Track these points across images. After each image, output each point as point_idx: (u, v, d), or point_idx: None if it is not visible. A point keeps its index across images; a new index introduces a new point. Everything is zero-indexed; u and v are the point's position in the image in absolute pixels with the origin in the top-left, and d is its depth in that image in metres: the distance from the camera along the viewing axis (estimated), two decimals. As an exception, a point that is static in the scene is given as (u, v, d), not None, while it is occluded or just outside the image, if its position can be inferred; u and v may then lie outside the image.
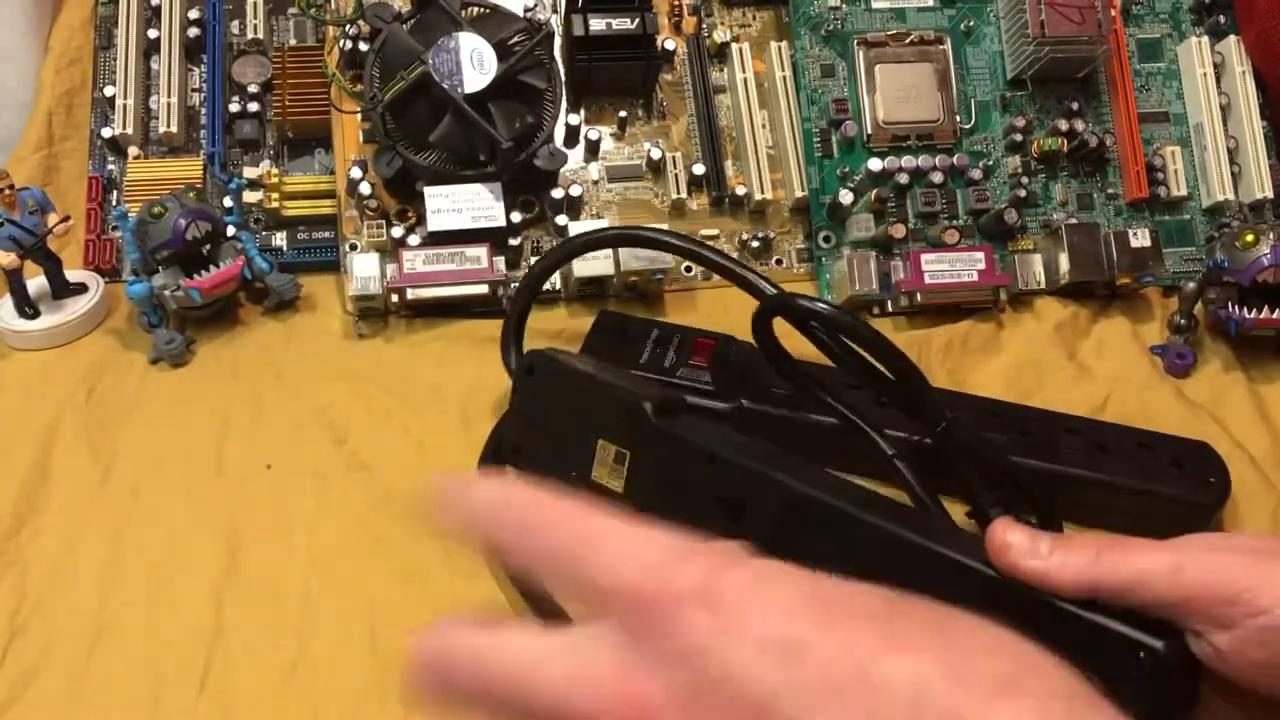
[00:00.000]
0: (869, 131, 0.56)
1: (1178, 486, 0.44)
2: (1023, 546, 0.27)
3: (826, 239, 0.56)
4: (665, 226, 0.49)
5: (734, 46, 0.58)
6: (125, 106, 0.56)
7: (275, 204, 0.54)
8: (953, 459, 0.41)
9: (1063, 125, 0.57)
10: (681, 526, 0.30)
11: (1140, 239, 0.54)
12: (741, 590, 0.21)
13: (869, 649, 0.20)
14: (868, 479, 0.45)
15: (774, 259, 0.57)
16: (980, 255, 0.53)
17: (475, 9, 0.54)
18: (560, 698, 0.22)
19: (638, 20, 0.54)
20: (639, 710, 0.21)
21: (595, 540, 0.23)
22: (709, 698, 0.20)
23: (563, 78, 0.55)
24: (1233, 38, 0.59)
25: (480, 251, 0.51)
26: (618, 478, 0.38)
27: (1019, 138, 0.57)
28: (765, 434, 0.46)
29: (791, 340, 0.43)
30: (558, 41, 0.55)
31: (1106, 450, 0.44)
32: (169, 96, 0.57)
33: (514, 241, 0.54)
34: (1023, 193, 0.56)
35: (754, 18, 0.60)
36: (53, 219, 0.50)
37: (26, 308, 0.51)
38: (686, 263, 0.56)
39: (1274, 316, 0.50)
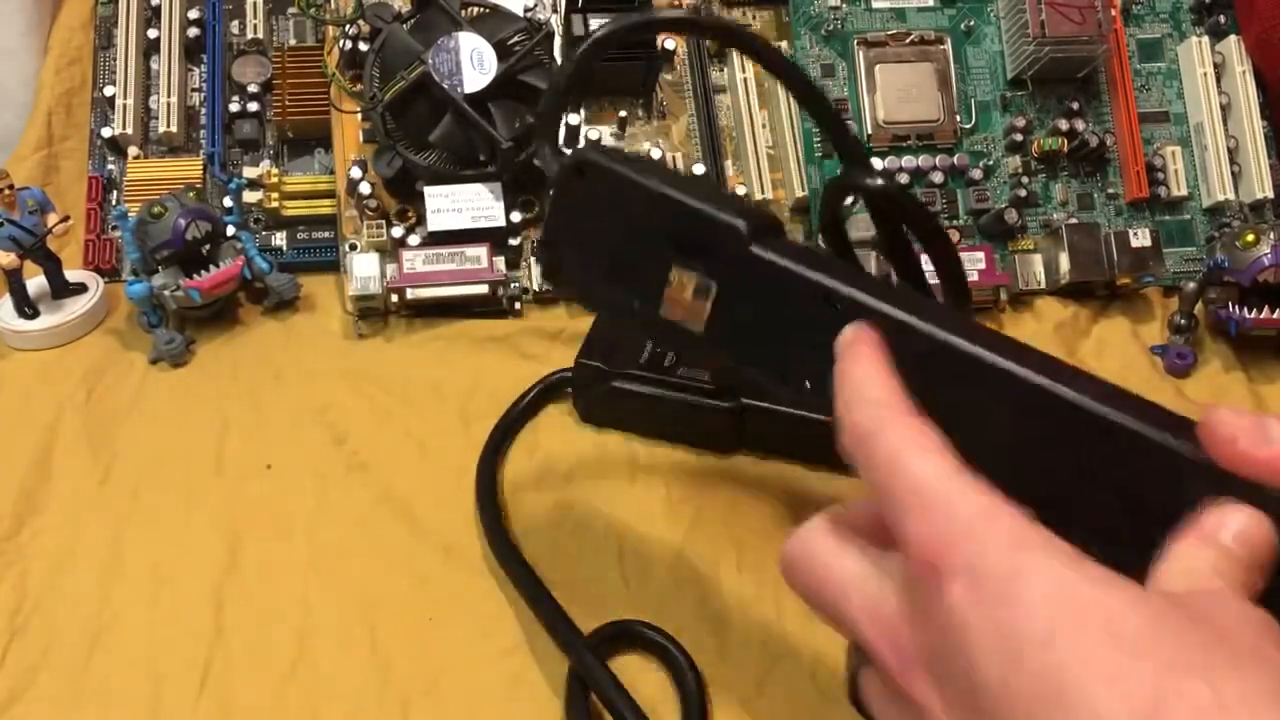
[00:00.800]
0: (869, 131, 0.56)
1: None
2: (1252, 433, 0.22)
3: (826, 239, 0.56)
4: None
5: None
6: (125, 106, 0.56)
7: (275, 204, 0.54)
8: None
9: (1063, 125, 0.57)
10: (782, 377, 0.30)
11: (1140, 239, 0.54)
12: (1004, 573, 0.20)
13: (1099, 667, 0.19)
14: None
15: (774, 259, 0.57)
16: (980, 255, 0.53)
17: (475, 9, 0.54)
18: (854, 626, 0.23)
19: (638, 20, 0.54)
20: (899, 660, 0.22)
21: (904, 492, 0.23)
22: (947, 667, 0.21)
23: (563, 77, 0.55)
24: (1233, 38, 0.59)
25: (480, 251, 0.51)
26: (696, 317, 0.31)
27: (1019, 138, 0.57)
28: (766, 434, 0.46)
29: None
30: (558, 41, 0.55)
31: None
32: (169, 96, 0.57)
33: (514, 241, 0.54)
34: (1023, 193, 0.56)
35: (754, 18, 0.60)
36: (52, 219, 0.50)
37: (26, 308, 0.51)
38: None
39: (1274, 316, 0.50)
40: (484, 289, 0.51)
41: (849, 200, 0.55)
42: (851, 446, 0.24)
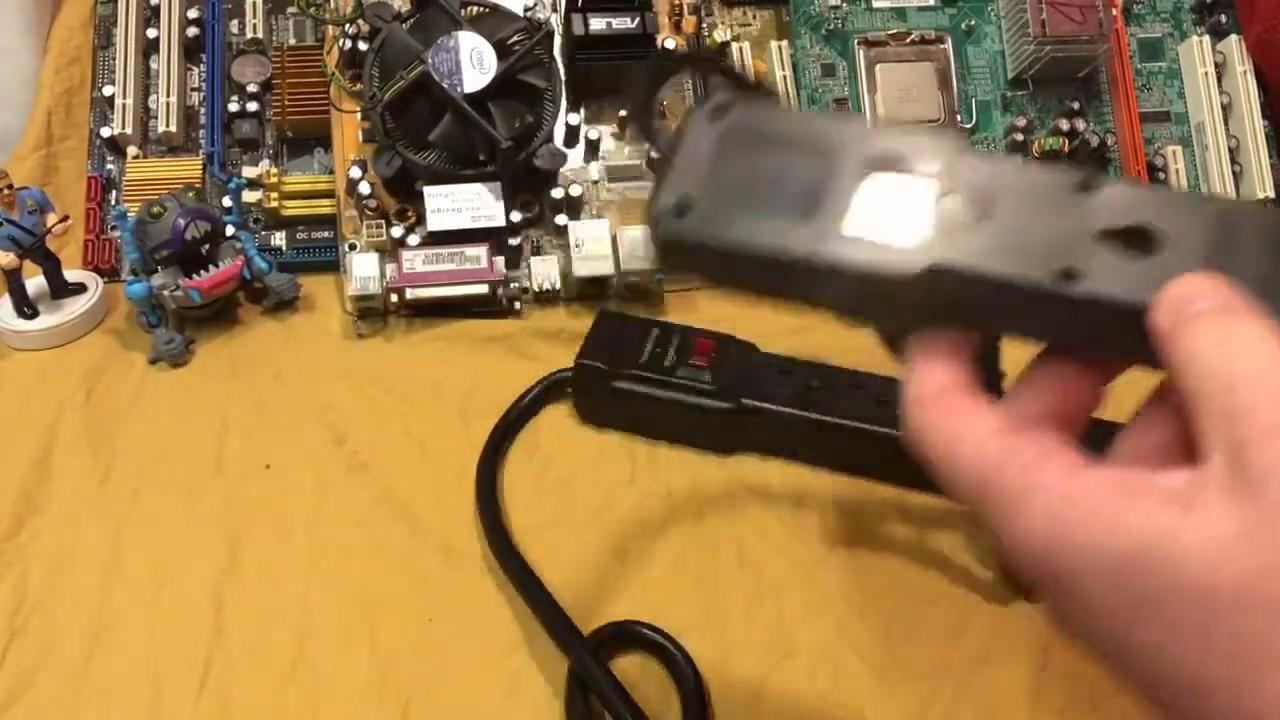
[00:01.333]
0: (869, 131, 0.56)
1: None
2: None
3: (827, 238, 0.56)
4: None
5: (734, 46, 0.58)
6: (124, 106, 0.56)
7: (274, 204, 0.54)
8: None
9: (1064, 125, 0.57)
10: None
11: (1141, 238, 0.54)
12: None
13: None
14: (873, 479, 0.46)
15: (774, 258, 0.57)
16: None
17: (475, 8, 0.54)
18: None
19: (638, 20, 0.54)
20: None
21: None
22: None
23: (563, 77, 0.55)
24: (1234, 37, 0.59)
25: (480, 251, 0.51)
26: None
27: (1020, 137, 0.57)
28: (766, 434, 0.46)
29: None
30: (558, 41, 0.55)
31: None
32: (168, 96, 0.57)
33: (514, 241, 0.54)
34: (1023, 192, 0.56)
35: (754, 17, 0.60)
36: (52, 219, 0.50)
37: (26, 308, 0.51)
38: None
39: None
40: (484, 289, 0.51)
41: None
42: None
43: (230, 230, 0.52)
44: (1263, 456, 0.19)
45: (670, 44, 0.58)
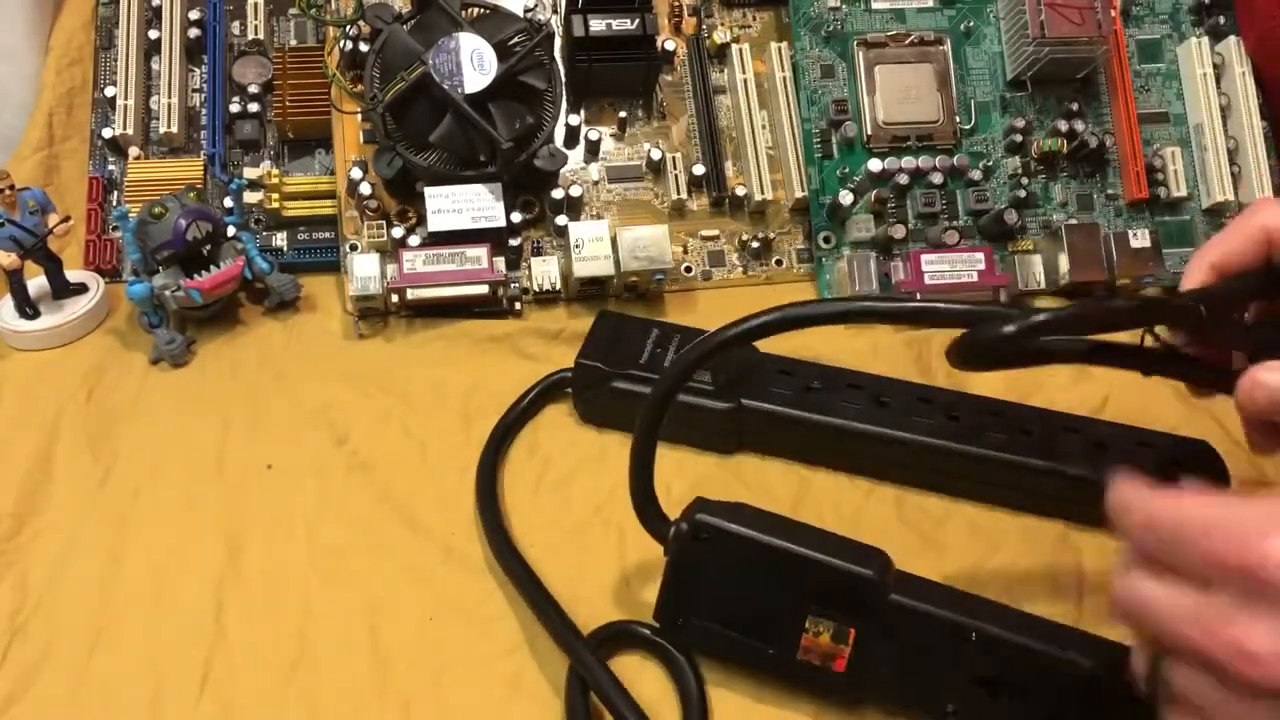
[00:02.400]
0: (869, 132, 0.56)
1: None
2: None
3: (826, 240, 0.56)
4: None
5: (734, 47, 0.58)
6: (126, 107, 0.56)
7: (275, 204, 0.54)
8: None
9: (1062, 126, 0.57)
10: (925, 704, 0.35)
11: (1140, 240, 0.54)
12: None
13: None
14: (872, 479, 0.46)
15: (774, 259, 0.57)
16: (980, 256, 0.53)
17: (475, 9, 0.54)
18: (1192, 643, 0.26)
19: (638, 21, 0.54)
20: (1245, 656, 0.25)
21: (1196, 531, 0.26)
22: None
23: (563, 78, 0.55)
24: (1232, 38, 0.59)
25: (480, 252, 0.51)
26: (836, 660, 0.35)
27: (1019, 138, 0.57)
28: (766, 434, 0.46)
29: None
30: (558, 42, 0.56)
31: (1106, 449, 0.44)
32: (169, 97, 0.57)
33: (514, 242, 0.54)
34: (1023, 193, 0.56)
35: (754, 18, 0.60)
36: (53, 219, 0.50)
37: (27, 308, 0.51)
38: (686, 264, 0.56)
39: (1274, 317, 0.50)
40: (484, 289, 0.51)
41: (849, 201, 0.55)
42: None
43: (231, 231, 0.52)
44: None
45: (670, 45, 0.58)
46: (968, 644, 0.34)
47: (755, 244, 0.56)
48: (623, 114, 0.57)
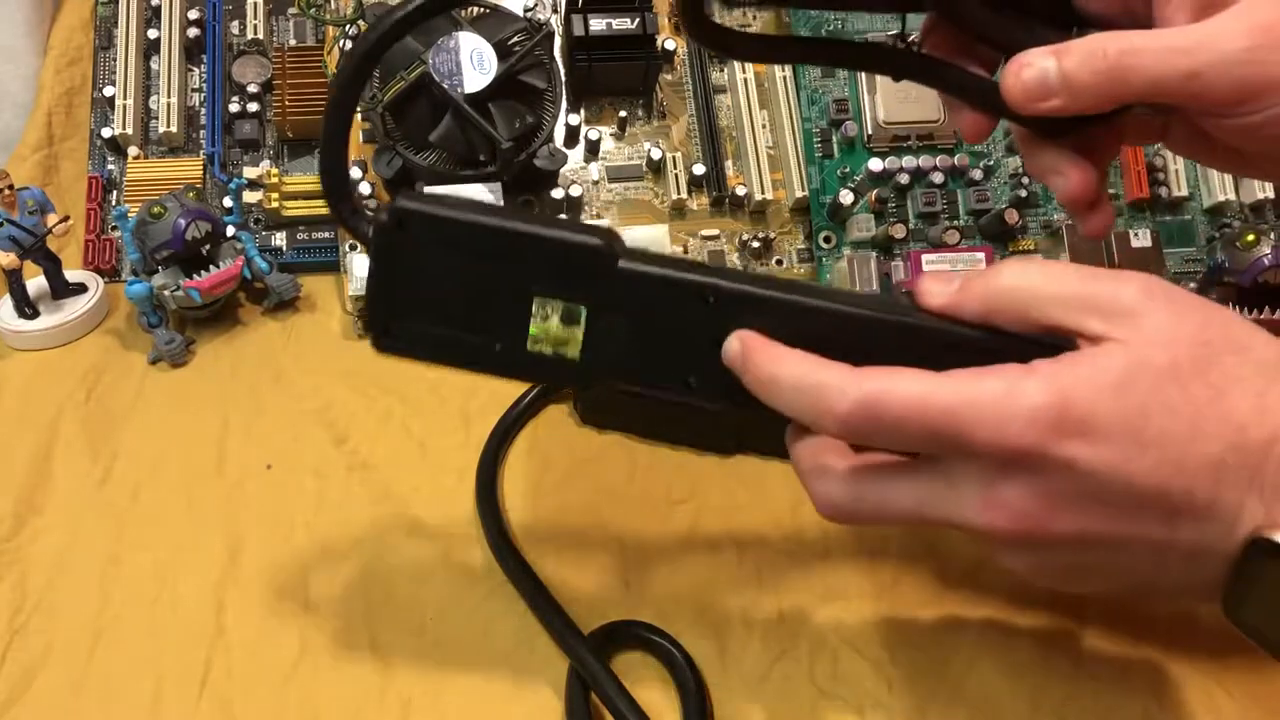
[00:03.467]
0: (869, 132, 0.56)
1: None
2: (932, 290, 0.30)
3: (827, 239, 0.56)
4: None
5: (734, 47, 0.58)
6: (125, 106, 0.56)
7: (275, 204, 0.54)
8: None
9: (1063, 125, 0.57)
10: (665, 379, 0.32)
11: (1141, 240, 0.54)
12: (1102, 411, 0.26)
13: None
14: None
15: (774, 259, 0.57)
16: (981, 255, 0.53)
17: (475, 9, 0.54)
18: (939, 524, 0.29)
19: (638, 20, 0.54)
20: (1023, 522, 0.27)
21: (959, 423, 0.27)
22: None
23: (563, 78, 0.55)
24: (1233, 38, 0.59)
25: (480, 251, 0.51)
26: (569, 344, 0.32)
27: (1019, 138, 0.57)
28: (766, 434, 0.46)
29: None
30: (558, 41, 0.55)
31: None
32: (169, 96, 0.57)
33: (514, 241, 0.54)
34: (1023, 193, 0.56)
35: (754, 18, 0.60)
36: (52, 219, 0.50)
37: (26, 308, 0.51)
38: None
39: (1275, 316, 0.50)
40: (484, 289, 0.51)
41: (849, 201, 0.55)
42: (817, 421, 0.29)
43: (231, 231, 0.52)
44: None
45: (670, 44, 0.58)
46: (707, 306, 0.31)
47: (755, 244, 0.56)
48: (623, 114, 0.57)
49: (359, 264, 0.51)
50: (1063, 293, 0.28)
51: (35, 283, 0.52)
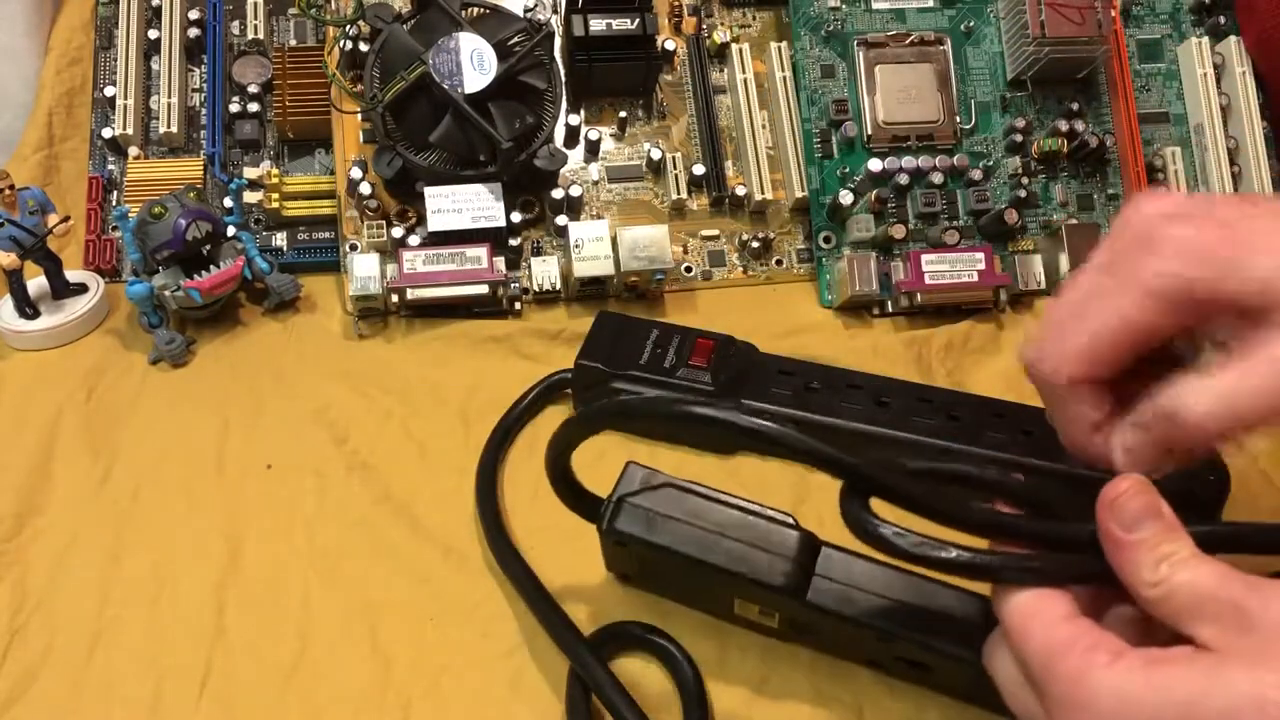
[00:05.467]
0: (869, 132, 0.56)
1: (1177, 483, 0.44)
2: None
3: (827, 239, 0.56)
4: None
5: (734, 47, 0.58)
6: (125, 107, 0.56)
7: (275, 204, 0.54)
8: None
9: (1063, 126, 0.57)
10: (854, 657, 0.38)
11: (1140, 239, 0.54)
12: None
13: None
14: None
15: (774, 259, 0.57)
16: (980, 256, 0.53)
17: (475, 9, 0.54)
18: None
19: (638, 20, 0.54)
20: None
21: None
22: None
23: (563, 78, 0.55)
24: (1233, 38, 0.59)
25: (480, 252, 0.51)
26: (769, 620, 0.38)
27: (1019, 138, 0.57)
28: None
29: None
30: (558, 42, 0.55)
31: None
32: (169, 97, 0.57)
33: (514, 242, 0.54)
34: (1023, 193, 0.56)
35: (754, 18, 0.60)
36: (53, 219, 0.50)
37: (26, 308, 0.51)
38: (686, 264, 0.56)
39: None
40: (484, 289, 0.51)
41: (849, 201, 0.55)
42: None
43: (231, 231, 0.52)
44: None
45: (670, 44, 0.58)
46: (888, 642, 0.35)
47: (755, 244, 0.56)
48: (623, 114, 0.57)
49: (360, 264, 0.51)
50: None
51: (36, 283, 0.52)
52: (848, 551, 0.36)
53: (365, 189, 0.53)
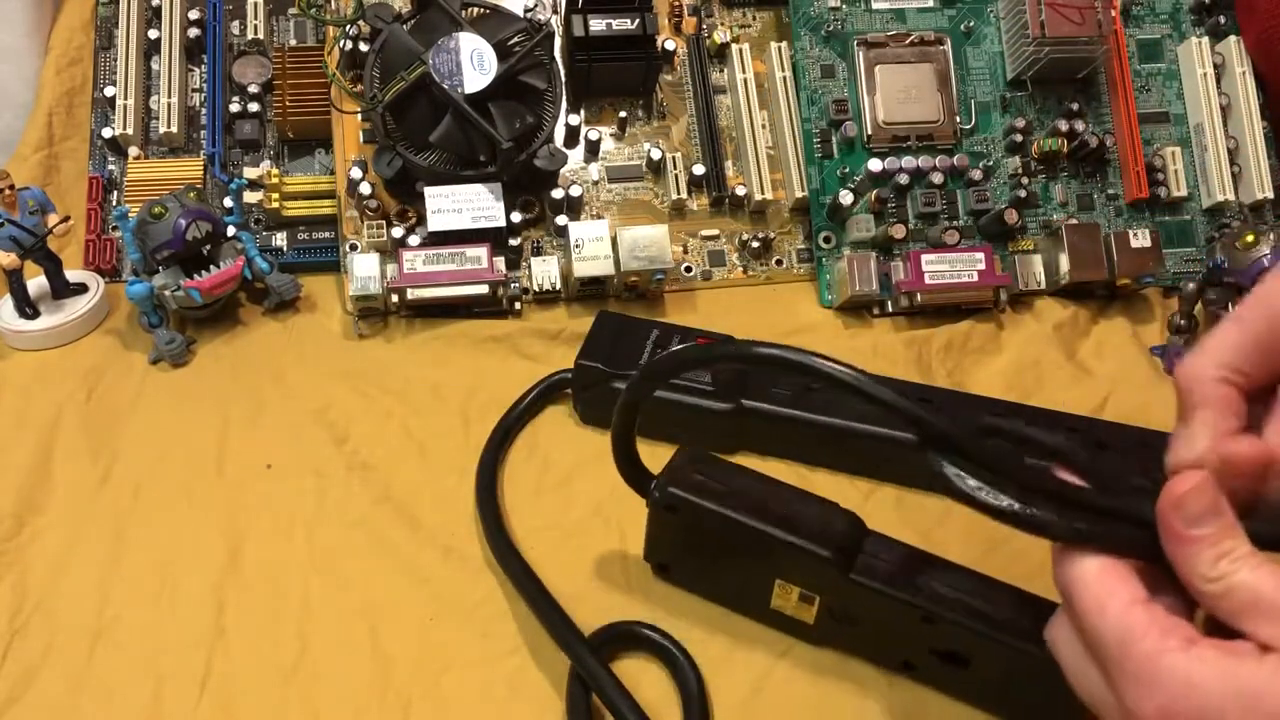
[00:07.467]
0: (869, 132, 0.56)
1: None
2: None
3: (827, 239, 0.56)
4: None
5: (734, 47, 0.58)
6: (126, 107, 0.56)
7: (275, 204, 0.54)
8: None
9: (1063, 126, 0.57)
10: (886, 658, 0.38)
11: (1140, 239, 0.54)
12: None
13: None
14: (872, 479, 0.46)
15: (774, 259, 0.57)
16: (980, 255, 0.53)
17: (475, 9, 0.54)
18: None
19: (638, 20, 0.54)
20: None
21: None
22: None
23: (563, 78, 0.55)
24: (1233, 38, 0.59)
25: (480, 252, 0.51)
26: (804, 614, 0.38)
27: (1019, 138, 0.57)
28: (766, 434, 0.46)
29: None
30: (558, 42, 0.55)
31: (1106, 448, 0.44)
32: (169, 97, 0.57)
33: (514, 241, 0.54)
34: (1023, 193, 0.56)
35: (754, 18, 0.60)
36: (53, 219, 0.50)
37: (27, 308, 0.51)
38: (686, 263, 0.56)
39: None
40: (484, 289, 0.51)
41: (849, 201, 0.55)
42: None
43: (231, 231, 0.52)
44: None
45: (670, 45, 0.58)
46: (929, 625, 0.35)
47: (755, 244, 0.56)
48: (623, 114, 0.57)
49: (359, 264, 0.51)
50: None
51: (36, 283, 0.52)
52: (893, 541, 0.37)
53: (365, 189, 0.53)
